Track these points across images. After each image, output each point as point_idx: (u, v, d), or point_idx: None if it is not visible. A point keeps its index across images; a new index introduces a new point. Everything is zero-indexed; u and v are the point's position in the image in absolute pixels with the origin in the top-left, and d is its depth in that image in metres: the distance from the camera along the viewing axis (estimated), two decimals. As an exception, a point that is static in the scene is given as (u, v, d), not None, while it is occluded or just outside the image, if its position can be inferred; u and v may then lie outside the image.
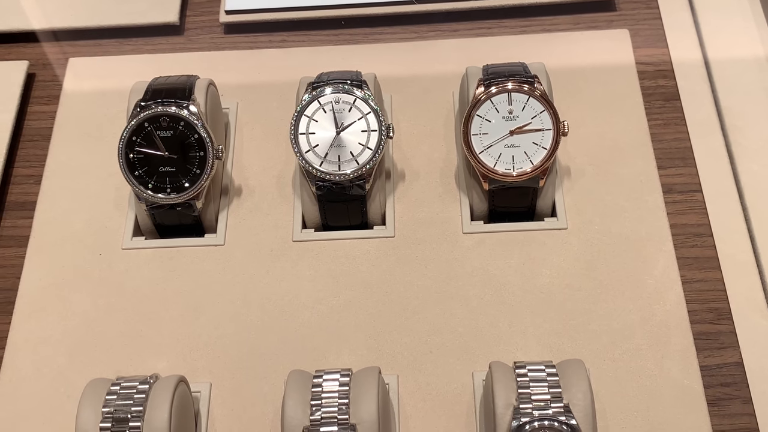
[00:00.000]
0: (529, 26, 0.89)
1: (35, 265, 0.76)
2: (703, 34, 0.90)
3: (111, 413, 0.60)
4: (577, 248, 0.74)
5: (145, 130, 0.72)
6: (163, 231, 0.77)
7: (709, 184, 0.79)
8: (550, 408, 0.59)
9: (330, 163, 0.72)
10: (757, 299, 0.73)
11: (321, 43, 0.90)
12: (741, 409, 0.68)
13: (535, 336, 0.70)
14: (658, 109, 0.83)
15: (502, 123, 0.72)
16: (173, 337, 0.72)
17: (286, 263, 0.75)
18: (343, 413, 0.59)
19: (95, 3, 0.92)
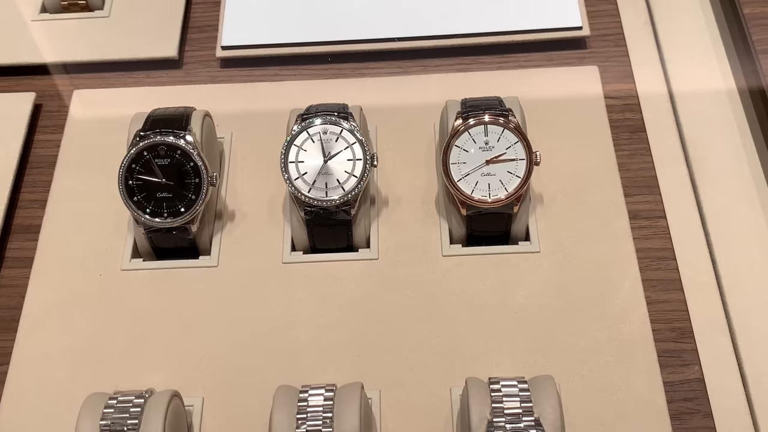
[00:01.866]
0: (505, 62, 0.90)
1: (39, 285, 0.76)
2: (668, 70, 0.90)
3: (108, 426, 0.60)
4: (549, 270, 0.74)
5: (144, 158, 0.73)
6: (160, 253, 0.77)
7: (672, 211, 0.80)
8: (522, 422, 0.59)
9: (318, 189, 0.72)
10: (718, 319, 0.74)
11: (311, 77, 0.90)
12: (702, 423, 0.68)
13: (509, 353, 0.70)
14: (625, 140, 0.83)
15: (479, 153, 0.72)
16: (168, 353, 0.72)
17: (275, 284, 0.75)
18: (327, 426, 0.59)
19: (99, 38, 0.93)
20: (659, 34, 0.93)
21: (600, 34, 0.91)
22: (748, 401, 0.70)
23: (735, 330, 0.73)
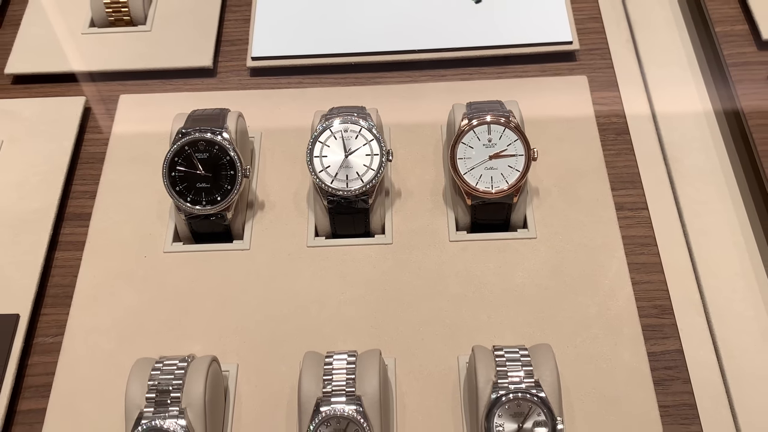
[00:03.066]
0: (504, 73, 0.90)
1: (90, 266, 0.76)
2: (648, 81, 0.91)
3: (155, 385, 0.61)
4: (545, 254, 0.75)
5: (186, 153, 0.73)
6: (198, 237, 0.77)
7: (653, 203, 0.80)
8: (523, 383, 0.60)
9: (339, 181, 0.73)
10: (694, 299, 0.75)
11: (331, 84, 0.90)
12: (681, 388, 0.69)
13: (510, 326, 0.71)
14: (611, 141, 0.84)
15: (483, 149, 0.73)
16: (206, 325, 0.72)
17: (301, 265, 0.75)
18: (350, 386, 0.60)
19: (142, 49, 0.93)
20: (639, 48, 0.94)
21: (588, 49, 0.92)
22: (721, 369, 0.71)
23: (708, 308, 0.74)
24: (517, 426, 0.59)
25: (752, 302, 0.75)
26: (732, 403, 0.69)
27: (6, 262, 0.77)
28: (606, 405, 0.66)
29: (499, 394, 0.59)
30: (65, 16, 0.97)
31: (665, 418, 0.66)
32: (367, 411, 0.59)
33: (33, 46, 0.94)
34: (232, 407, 0.67)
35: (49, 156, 0.84)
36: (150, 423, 0.59)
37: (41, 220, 0.79)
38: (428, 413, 0.67)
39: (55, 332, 0.74)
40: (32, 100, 0.89)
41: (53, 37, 0.95)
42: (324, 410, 0.59)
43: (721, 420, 0.68)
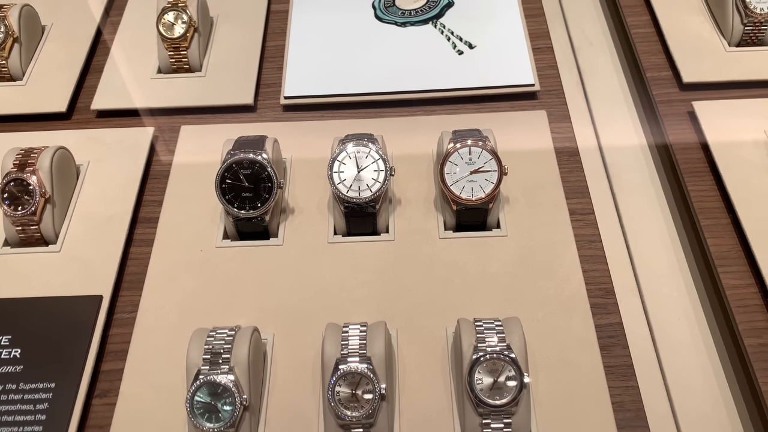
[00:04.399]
0: (481, 108, 0.91)
1: (158, 258, 0.77)
2: (594, 114, 0.92)
3: (210, 349, 0.62)
4: (514, 249, 0.75)
5: (233, 169, 0.74)
6: (242, 236, 0.78)
7: (598, 209, 0.81)
8: (498, 347, 0.60)
9: (353, 191, 0.73)
10: (630, 284, 0.75)
11: (346, 117, 0.91)
12: (621, 353, 0.69)
13: (487, 304, 0.71)
14: (565, 161, 0.84)
15: (465, 166, 0.74)
16: (249, 304, 0.73)
17: (323, 257, 0.76)
18: (362, 349, 0.61)
19: (198, 90, 0.94)
20: (587, 90, 0.95)
21: (546, 90, 0.92)
22: (652, 338, 0.71)
23: (642, 290, 0.75)
24: (493, 380, 0.60)
25: (676, 285, 0.75)
26: (661, 363, 0.70)
27: (93, 254, 0.77)
28: (562, 365, 0.67)
29: (478, 355, 0.60)
30: (138, 64, 0.98)
31: (609, 375, 0.66)
32: (375, 368, 0.60)
33: (113, 87, 0.95)
34: (269, 367, 0.68)
35: (125, 173, 0.85)
36: (206, 378, 0.60)
37: (120, 222, 0.80)
38: (423, 371, 0.67)
39: (130, 309, 0.74)
40: (113, 130, 0.90)
41: (129, 80, 0.96)
42: (342, 368, 0.60)
43: (652, 377, 0.68)
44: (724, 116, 0.84)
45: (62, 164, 0.81)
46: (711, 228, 0.76)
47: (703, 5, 0.97)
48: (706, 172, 0.81)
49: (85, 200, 0.82)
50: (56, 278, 0.75)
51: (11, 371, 0.67)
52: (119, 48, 1.01)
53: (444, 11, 1.01)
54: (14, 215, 0.76)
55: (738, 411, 0.66)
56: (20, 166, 0.77)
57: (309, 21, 1.02)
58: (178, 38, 0.93)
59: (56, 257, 0.77)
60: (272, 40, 1.02)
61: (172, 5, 0.94)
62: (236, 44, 0.99)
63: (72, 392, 0.66)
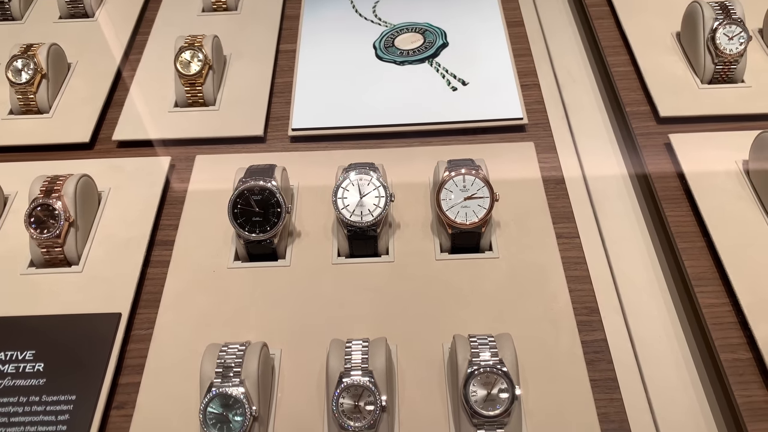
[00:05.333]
0: (473, 140, 0.92)
1: (173, 278, 0.78)
2: (578, 146, 0.94)
3: (222, 363, 0.62)
4: (505, 270, 0.76)
5: (245, 195, 0.75)
6: (252, 257, 0.78)
7: (583, 234, 0.82)
8: (491, 361, 0.61)
9: (356, 216, 0.74)
10: (614, 303, 0.76)
11: (349, 148, 0.92)
12: (606, 367, 0.69)
13: (481, 322, 0.71)
14: (552, 189, 0.85)
15: (460, 193, 0.74)
16: (258, 321, 0.73)
17: (328, 278, 0.76)
18: (364, 363, 0.61)
19: (212, 123, 0.95)
20: (571, 123, 0.97)
21: (533, 123, 0.94)
22: (634, 353, 0.72)
23: (624, 309, 0.75)
24: (486, 392, 0.60)
25: (656, 304, 0.76)
26: (643, 377, 0.70)
27: (112, 274, 0.78)
28: (550, 378, 0.67)
29: (473, 369, 0.60)
30: (156, 99, 0.99)
31: (594, 388, 0.66)
32: (377, 381, 0.60)
33: (133, 120, 0.96)
34: (277, 380, 0.68)
35: (144, 199, 0.86)
36: (218, 390, 0.60)
37: (138, 245, 0.81)
38: (421, 384, 0.67)
39: (147, 326, 0.74)
40: (132, 159, 0.91)
41: (148, 114, 0.97)
42: (345, 381, 0.60)
43: (635, 390, 0.69)
44: (698, 148, 0.85)
45: (85, 190, 0.82)
46: (687, 251, 0.77)
47: (677, 46, 0.99)
48: (683, 199, 0.82)
49: (106, 224, 0.83)
50: (78, 297, 0.76)
51: (35, 384, 0.67)
52: (139, 84, 1.02)
53: (439, 51, 1.03)
54: (40, 238, 0.77)
55: (715, 421, 0.67)
56: (47, 192, 0.78)
57: (315, 60, 1.04)
58: (194, 75, 0.95)
59: (78, 277, 0.78)
60: (281, 76, 1.04)
61: (189, 45, 0.96)
62: (248, 80, 1.01)
63: (91, 404, 0.66)
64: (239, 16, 1.13)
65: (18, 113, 0.99)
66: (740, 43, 0.90)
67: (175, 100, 0.98)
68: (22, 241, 0.80)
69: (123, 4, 1.18)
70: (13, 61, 0.97)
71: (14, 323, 0.73)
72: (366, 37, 1.07)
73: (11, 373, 0.68)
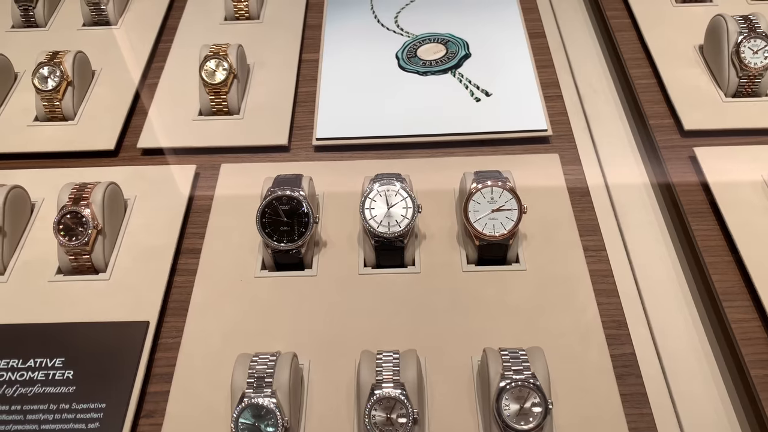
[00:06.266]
0: (497, 151, 0.92)
1: (200, 286, 0.77)
2: (601, 157, 0.93)
3: (254, 373, 0.62)
4: (532, 282, 0.75)
5: (273, 205, 0.75)
6: (279, 266, 0.78)
7: (609, 246, 0.81)
8: (523, 374, 0.61)
9: (383, 226, 0.74)
10: (640, 316, 0.76)
11: (373, 158, 0.92)
12: (635, 381, 0.68)
13: (508, 334, 0.71)
14: (577, 201, 0.85)
15: (487, 205, 0.74)
16: (286, 331, 0.73)
17: (355, 288, 0.76)
18: (396, 376, 0.61)
19: (237, 131, 0.95)
20: (593, 134, 0.97)
21: (557, 134, 0.94)
22: (662, 369, 0.71)
23: (651, 323, 0.75)
24: (519, 406, 0.60)
25: (683, 319, 0.76)
26: (671, 393, 0.69)
27: (140, 282, 0.78)
28: (580, 392, 0.66)
29: (506, 383, 0.60)
30: (180, 107, 0.99)
31: (624, 403, 0.66)
32: (409, 394, 0.60)
33: (158, 128, 0.96)
34: (306, 391, 0.67)
35: (170, 206, 0.86)
36: (250, 400, 0.60)
37: (165, 253, 0.80)
38: (450, 397, 0.67)
39: (175, 335, 0.74)
40: (158, 167, 0.91)
41: (172, 122, 0.97)
42: (377, 393, 0.60)
43: (664, 405, 0.68)
44: (723, 161, 0.85)
45: (113, 198, 0.82)
46: (715, 265, 0.76)
47: (700, 59, 0.99)
48: (708, 213, 0.81)
49: (133, 231, 0.83)
50: (105, 304, 0.76)
51: (65, 391, 0.67)
52: (163, 92, 1.02)
53: (462, 62, 1.03)
54: (68, 245, 0.77)
55: (747, 438, 0.66)
56: (75, 199, 0.78)
57: (338, 69, 1.04)
58: (219, 84, 0.95)
59: (105, 285, 0.78)
60: (303, 86, 1.03)
61: (213, 53, 0.97)
62: (271, 89, 1.01)
63: (121, 412, 0.66)
64: (261, 25, 1.14)
65: (43, 120, 0.99)
66: (765, 57, 0.90)
67: (200, 108, 0.98)
68: (49, 248, 0.80)
69: (145, 12, 1.19)
70: (40, 69, 0.97)
71: (43, 330, 0.73)
72: (388, 47, 1.07)
73: (41, 380, 0.68)
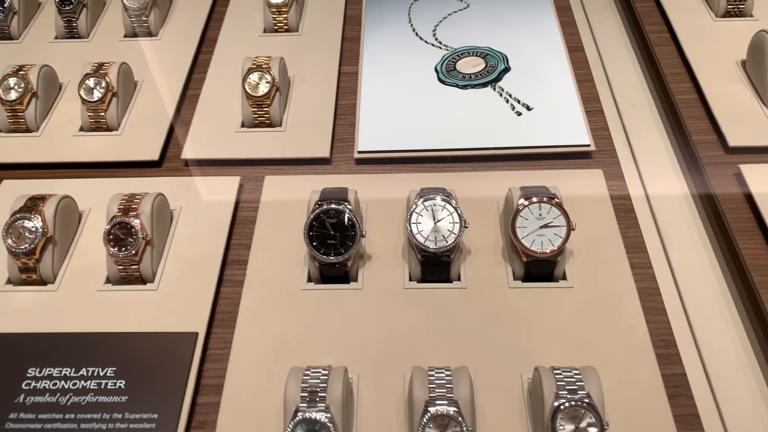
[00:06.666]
0: (539, 166, 0.91)
1: (247, 298, 0.78)
2: (642, 173, 0.93)
3: (307, 388, 0.62)
4: (580, 300, 0.75)
5: (320, 218, 0.75)
6: (325, 279, 0.78)
7: (655, 263, 0.81)
8: (578, 394, 0.60)
9: (430, 241, 0.74)
10: (688, 336, 0.75)
11: (414, 171, 0.92)
12: (687, 402, 0.68)
13: (557, 352, 0.70)
14: (622, 217, 0.84)
15: (535, 221, 0.74)
16: (334, 344, 0.73)
17: (400, 302, 0.76)
18: (449, 393, 0.61)
19: (279, 144, 0.95)
20: (634, 150, 0.96)
21: (599, 150, 0.93)
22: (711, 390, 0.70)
23: (699, 343, 0.74)
24: (574, 426, 0.59)
25: (731, 339, 0.75)
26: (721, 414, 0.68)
27: (187, 292, 0.78)
28: (632, 413, 0.66)
29: (560, 402, 0.59)
30: (222, 118, 1.00)
31: (677, 424, 0.65)
32: (463, 412, 0.60)
33: (201, 139, 0.97)
34: (356, 405, 0.67)
35: (215, 218, 0.86)
36: (304, 415, 0.60)
37: (212, 264, 0.81)
38: (501, 415, 0.66)
39: (223, 346, 0.74)
40: (202, 178, 0.92)
41: (215, 133, 0.98)
42: (431, 410, 0.59)
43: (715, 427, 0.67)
44: (769, 178, 0.84)
45: (160, 209, 0.82)
46: (765, 284, 0.75)
47: (743, 74, 0.98)
48: (756, 231, 0.80)
49: (179, 242, 0.84)
50: (154, 315, 0.76)
51: (117, 401, 0.68)
52: (204, 103, 1.03)
53: (502, 75, 1.03)
54: (118, 256, 0.78)
55: (803, 462, 0.65)
56: (124, 210, 0.79)
57: (377, 82, 1.04)
58: (262, 96, 0.96)
59: (154, 295, 0.78)
60: (343, 98, 1.04)
61: (256, 66, 0.97)
62: (312, 102, 1.01)
63: (173, 423, 0.66)
64: (300, 37, 1.14)
65: (88, 130, 1.00)
66: (812, 74, 0.89)
67: (242, 120, 0.98)
68: (97, 258, 0.81)
69: (185, 24, 1.20)
70: (86, 80, 0.99)
71: (94, 339, 0.74)
72: (427, 60, 1.07)
73: (93, 390, 0.69)
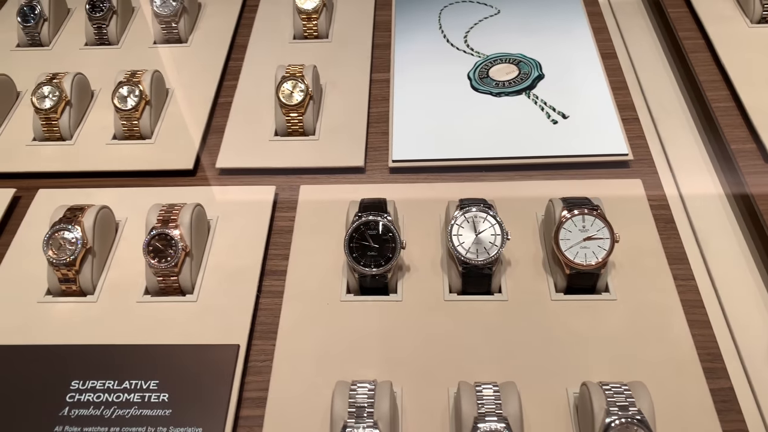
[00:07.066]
0: (575, 176, 0.91)
1: (287, 309, 0.77)
2: (679, 182, 0.92)
3: (354, 403, 0.61)
4: (624, 313, 0.74)
5: (360, 230, 0.75)
6: (365, 291, 0.78)
7: (697, 274, 0.80)
8: (629, 411, 0.59)
9: (472, 253, 0.73)
10: (732, 349, 0.74)
11: (449, 180, 0.91)
12: (736, 417, 0.67)
13: (602, 366, 0.70)
14: (662, 228, 0.83)
15: (579, 233, 0.73)
16: (376, 357, 0.72)
17: (440, 314, 0.75)
18: (498, 409, 0.60)
19: (313, 152, 0.94)
20: (670, 158, 0.95)
21: (637, 159, 0.92)
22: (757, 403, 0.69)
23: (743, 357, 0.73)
24: (626, 444, 0.59)
25: (776, 352, 0.74)
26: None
27: (226, 304, 0.78)
28: (682, 429, 0.65)
29: (612, 419, 0.59)
30: (256, 127, 0.99)
31: (728, 440, 0.64)
32: (512, 428, 0.59)
33: (235, 147, 0.97)
34: (401, 420, 0.67)
35: (252, 227, 0.86)
36: (353, 431, 0.60)
37: (250, 274, 0.81)
38: (548, 430, 0.66)
39: (263, 358, 0.74)
40: (238, 187, 0.92)
41: (248, 142, 0.97)
42: (481, 426, 0.59)
43: (766, 443, 0.67)
44: (813, 189, 0.83)
45: (199, 219, 0.82)
46: (810, 297, 0.74)
47: (781, 82, 0.97)
48: (801, 243, 0.80)
49: (216, 253, 0.83)
50: (194, 326, 0.76)
51: (161, 414, 0.68)
52: (237, 111, 1.03)
53: (536, 83, 1.02)
54: (158, 267, 0.78)
55: None
56: (163, 221, 0.79)
57: (409, 90, 1.03)
58: (296, 105, 0.96)
59: (193, 306, 0.78)
60: (375, 106, 1.03)
61: (290, 75, 0.97)
62: (344, 110, 1.01)
63: (218, 437, 0.66)
64: (330, 44, 1.14)
65: (121, 138, 1.00)
66: None
67: (275, 128, 0.98)
68: (135, 268, 0.81)
69: (214, 30, 1.20)
70: (119, 88, 0.99)
71: (135, 351, 0.73)
72: (459, 67, 1.07)
73: (137, 402, 0.69)
